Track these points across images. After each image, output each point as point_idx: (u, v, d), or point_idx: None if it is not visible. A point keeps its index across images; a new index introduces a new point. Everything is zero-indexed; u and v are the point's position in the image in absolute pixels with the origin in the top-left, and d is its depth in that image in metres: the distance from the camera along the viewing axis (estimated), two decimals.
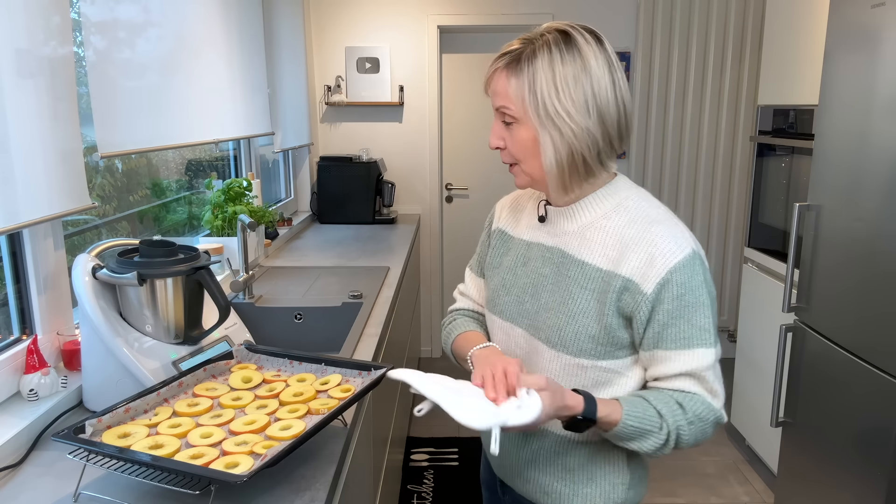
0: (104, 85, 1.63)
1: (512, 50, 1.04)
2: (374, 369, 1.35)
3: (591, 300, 1.03)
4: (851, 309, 1.99)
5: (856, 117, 1.99)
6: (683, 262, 0.99)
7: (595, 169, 1.04)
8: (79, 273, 1.37)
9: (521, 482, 1.17)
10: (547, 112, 1.00)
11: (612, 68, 1.03)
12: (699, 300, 0.99)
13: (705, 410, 1.01)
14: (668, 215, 1.06)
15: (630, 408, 0.98)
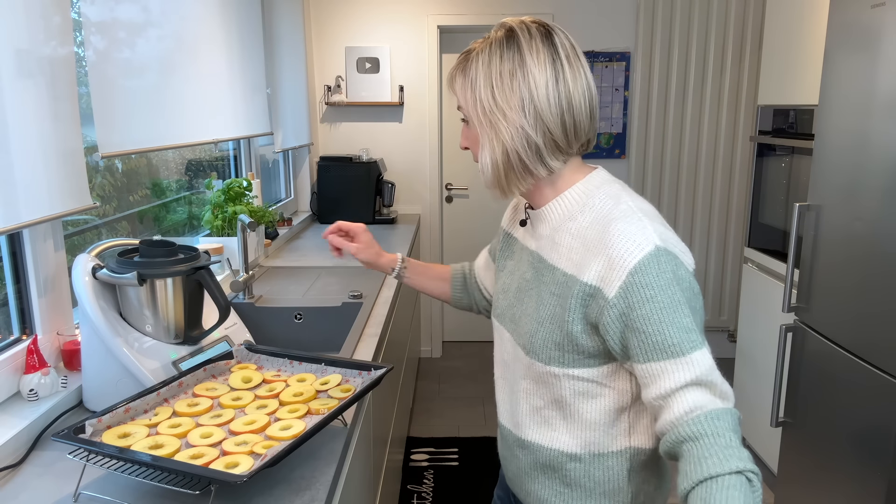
0: (104, 85, 1.63)
1: (467, 50, 1.02)
2: (374, 369, 1.35)
3: (556, 306, 0.99)
4: (851, 309, 1.99)
5: (856, 117, 1.99)
6: (644, 260, 0.90)
7: (533, 168, 0.98)
8: (79, 273, 1.37)
9: (524, 495, 1.14)
10: (484, 110, 0.97)
11: (557, 64, 0.95)
12: (673, 299, 0.90)
13: (733, 423, 0.87)
14: (630, 211, 0.96)
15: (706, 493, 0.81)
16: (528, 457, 1.10)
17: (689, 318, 0.91)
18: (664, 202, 4.01)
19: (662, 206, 4.02)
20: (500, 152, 0.98)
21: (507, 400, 1.13)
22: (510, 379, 1.12)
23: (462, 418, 3.42)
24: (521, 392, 1.08)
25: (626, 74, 3.89)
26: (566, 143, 0.99)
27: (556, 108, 0.96)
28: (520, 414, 1.09)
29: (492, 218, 4.38)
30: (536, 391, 1.05)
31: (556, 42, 0.97)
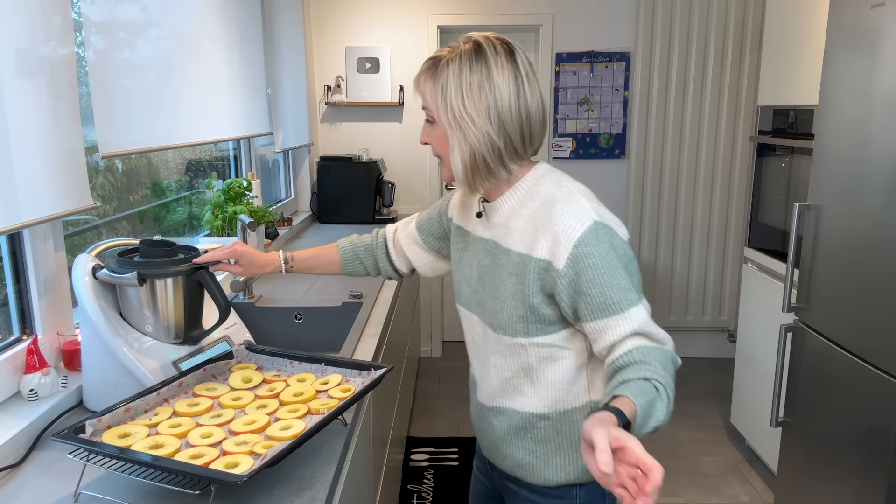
0: (104, 85, 1.63)
1: (434, 56, 1.13)
2: (374, 369, 1.35)
3: (516, 284, 1.12)
4: (851, 309, 1.99)
5: (856, 117, 1.99)
6: (585, 233, 1.05)
7: (496, 170, 1.11)
8: (79, 273, 1.37)
9: (500, 459, 1.27)
10: (454, 115, 1.09)
11: (519, 79, 1.10)
12: (612, 265, 1.05)
13: (663, 356, 1.03)
14: (570, 193, 1.11)
15: (631, 392, 0.97)
16: (501, 423, 1.23)
17: (626, 280, 1.06)
18: (664, 202, 4.01)
19: (662, 206, 4.02)
20: (469, 154, 1.10)
21: (481, 376, 1.26)
22: (482, 357, 1.25)
23: (462, 418, 3.42)
24: (491, 367, 1.21)
25: (626, 74, 3.89)
26: (523, 149, 1.13)
27: (517, 118, 1.10)
28: (492, 387, 1.23)
29: None
30: (505, 364, 1.18)
31: (517, 60, 1.11)
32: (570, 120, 3.95)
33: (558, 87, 3.92)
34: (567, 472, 1.20)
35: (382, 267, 1.48)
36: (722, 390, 3.73)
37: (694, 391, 3.72)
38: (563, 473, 1.20)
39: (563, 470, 1.20)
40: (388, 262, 1.47)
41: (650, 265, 4.10)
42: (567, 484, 1.21)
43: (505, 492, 1.33)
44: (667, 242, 4.07)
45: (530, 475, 1.22)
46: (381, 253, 1.48)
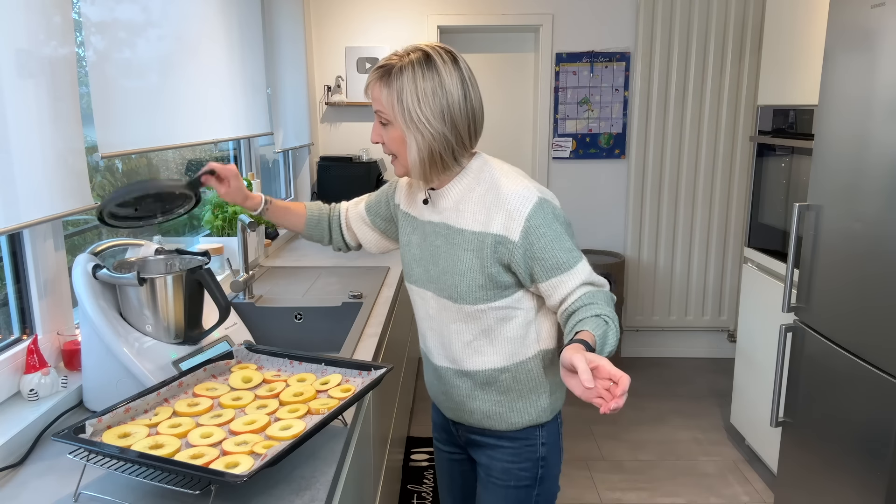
0: (104, 85, 1.63)
1: (384, 65, 1.24)
2: (374, 369, 1.35)
3: (473, 258, 1.28)
4: (851, 309, 2.00)
5: (855, 117, 1.99)
6: (533, 209, 1.23)
7: (450, 163, 1.27)
8: (79, 273, 1.37)
9: (467, 415, 1.40)
10: (411, 118, 1.21)
11: (465, 83, 1.24)
12: (556, 231, 1.24)
13: (605, 296, 1.24)
14: (513, 175, 1.30)
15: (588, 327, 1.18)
16: (466, 383, 1.37)
17: (570, 242, 1.26)
18: (664, 202, 4.01)
19: (662, 206, 4.02)
20: (427, 152, 1.24)
21: (440, 344, 1.39)
22: (438, 328, 1.38)
23: None
24: (452, 334, 1.35)
25: (625, 74, 3.89)
26: (470, 143, 1.29)
27: (466, 117, 1.24)
28: (455, 351, 1.36)
29: None
30: (466, 329, 1.33)
31: (461, 65, 1.25)
32: (570, 120, 3.95)
33: (558, 87, 3.92)
34: (529, 414, 1.37)
35: (335, 238, 1.60)
36: (722, 390, 3.73)
37: (694, 391, 3.72)
38: (526, 416, 1.37)
39: (525, 413, 1.37)
40: (339, 234, 1.60)
41: (650, 265, 4.10)
42: (530, 425, 1.38)
43: (471, 445, 1.46)
44: (667, 242, 4.07)
45: (497, 423, 1.38)
46: (335, 225, 1.59)
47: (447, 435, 1.55)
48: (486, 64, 4.15)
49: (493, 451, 1.41)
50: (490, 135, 4.23)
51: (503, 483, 1.40)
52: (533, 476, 1.40)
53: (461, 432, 1.47)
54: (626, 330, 4.18)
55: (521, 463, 1.39)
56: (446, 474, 1.61)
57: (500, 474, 1.40)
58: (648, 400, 3.62)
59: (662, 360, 4.20)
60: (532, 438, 1.39)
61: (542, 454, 1.40)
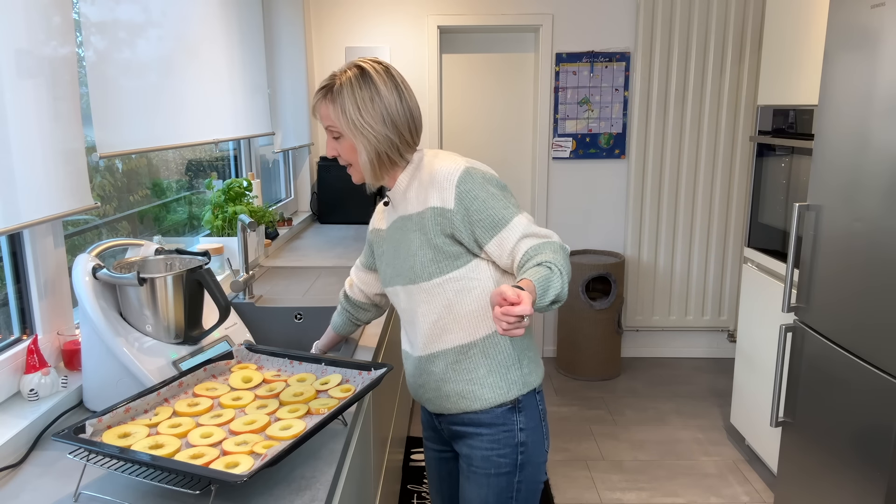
0: (104, 85, 1.63)
1: (326, 85, 1.37)
2: (374, 369, 1.35)
3: (419, 236, 1.36)
4: (851, 309, 2.00)
5: (856, 117, 1.99)
6: (462, 175, 1.32)
7: (397, 161, 1.39)
8: (79, 273, 1.37)
9: (444, 400, 1.44)
10: (356, 126, 1.33)
11: (399, 88, 1.36)
12: (489, 192, 1.32)
13: (551, 246, 1.29)
14: (445, 154, 1.39)
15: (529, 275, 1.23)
16: (439, 365, 1.41)
17: (503, 200, 1.33)
18: (664, 202, 4.01)
19: (662, 206, 4.02)
20: (374, 154, 1.36)
21: (414, 333, 1.45)
22: (410, 318, 1.44)
23: None
24: (419, 318, 1.41)
25: (625, 74, 3.89)
26: (413, 141, 1.40)
27: (405, 117, 1.37)
28: (424, 336, 1.41)
29: None
30: (430, 308, 1.39)
31: (393, 73, 1.37)
32: (570, 120, 3.95)
33: (558, 87, 3.92)
34: (502, 389, 1.40)
35: (364, 318, 1.72)
36: (722, 390, 3.73)
37: (694, 391, 3.73)
38: (499, 391, 1.40)
39: (498, 388, 1.40)
40: (355, 308, 1.70)
41: (650, 265, 4.10)
42: (503, 403, 1.40)
43: (454, 438, 1.49)
44: (667, 242, 4.07)
45: (472, 402, 1.41)
46: (354, 313, 1.71)
47: (433, 432, 1.59)
48: (486, 64, 4.15)
49: (473, 439, 1.43)
50: (490, 135, 4.23)
51: (483, 471, 1.43)
52: (512, 462, 1.42)
53: (444, 425, 1.50)
54: (626, 330, 4.18)
55: (500, 449, 1.41)
56: (434, 472, 1.64)
57: (480, 462, 1.43)
58: (648, 400, 3.62)
59: (662, 360, 4.20)
60: (510, 424, 1.41)
61: (520, 439, 1.42)
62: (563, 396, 3.68)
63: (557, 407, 3.55)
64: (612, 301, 3.78)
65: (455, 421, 1.45)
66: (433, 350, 1.41)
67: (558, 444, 3.15)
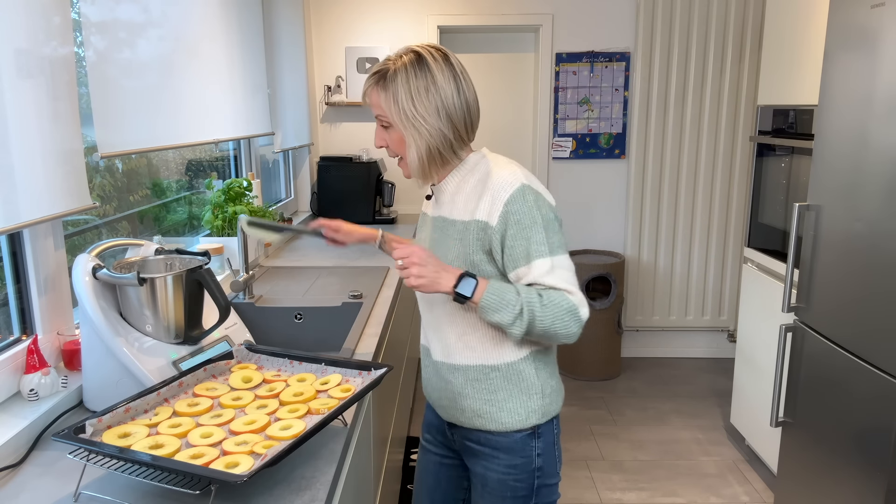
0: (104, 85, 1.63)
1: (379, 70, 1.28)
2: (374, 369, 1.35)
3: (459, 247, 1.30)
4: (851, 309, 2.00)
5: (856, 117, 1.99)
6: (514, 193, 1.24)
7: (449, 158, 1.31)
8: (79, 273, 1.37)
9: (459, 413, 1.40)
10: (408, 117, 1.25)
11: (458, 79, 1.27)
12: (533, 220, 1.24)
13: (559, 298, 1.23)
14: (505, 163, 1.31)
15: (495, 283, 1.24)
16: (458, 378, 1.37)
17: (542, 234, 1.24)
18: (664, 202, 4.01)
19: (662, 206, 4.02)
20: (425, 149, 1.27)
21: (436, 338, 1.41)
22: (435, 322, 1.40)
23: None
24: (445, 326, 1.37)
25: (625, 74, 3.89)
26: (468, 137, 1.32)
27: (461, 111, 1.28)
28: (449, 345, 1.37)
29: None
30: (457, 321, 1.35)
31: (453, 62, 1.28)
32: (570, 120, 3.95)
33: (558, 87, 3.92)
34: (520, 415, 1.35)
35: None
36: (722, 390, 3.73)
37: (694, 391, 3.73)
38: (516, 416, 1.35)
39: (516, 413, 1.35)
40: None
41: (650, 265, 4.10)
42: (522, 429, 1.36)
43: (467, 452, 1.45)
44: (667, 242, 4.07)
45: (488, 422, 1.36)
46: None
47: (441, 437, 1.53)
48: (486, 64, 4.15)
49: (489, 461, 1.39)
50: (490, 135, 4.23)
51: (499, 494, 1.39)
52: (529, 486, 1.38)
53: (457, 438, 1.46)
54: (626, 330, 4.18)
55: (518, 474, 1.37)
56: (431, 476, 1.57)
57: (496, 485, 1.39)
58: (648, 400, 3.62)
59: (662, 360, 4.20)
60: (528, 450, 1.37)
61: (538, 465, 1.38)
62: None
63: None
64: (612, 301, 3.78)
65: (470, 438, 1.41)
66: (455, 362, 1.37)
67: None
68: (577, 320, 1.24)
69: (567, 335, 1.24)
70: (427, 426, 1.58)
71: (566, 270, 1.26)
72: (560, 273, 1.25)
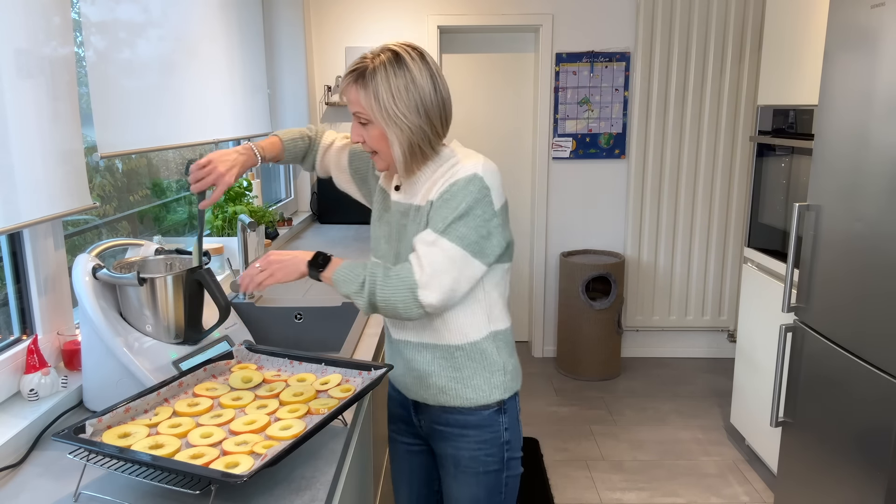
0: (104, 85, 1.63)
1: (357, 68, 1.30)
2: (374, 369, 1.35)
3: (418, 228, 1.34)
4: (851, 309, 2.00)
5: (856, 117, 1.99)
6: (462, 178, 1.29)
7: (429, 153, 1.34)
8: (79, 273, 1.37)
9: (425, 389, 1.43)
10: (389, 115, 1.28)
11: (434, 77, 1.31)
12: (458, 203, 1.27)
13: (405, 273, 1.27)
14: (470, 156, 1.34)
15: (349, 262, 1.30)
16: (425, 356, 1.41)
17: (452, 214, 1.27)
18: (664, 202, 4.01)
19: (662, 206, 4.02)
20: (407, 146, 1.30)
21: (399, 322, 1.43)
22: None
23: None
24: None
25: (625, 74, 3.89)
26: (444, 131, 1.36)
27: (438, 107, 1.31)
28: (413, 326, 1.41)
29: None
30: None
31: (428, 60, 1.31)
32: (570, 120, 3.95)
33: (558, 87, 3.92)
34: (484, 391, 1.40)
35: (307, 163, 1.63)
36: (722, 390, 3.73)
37: (694, 391, 3.72)
38: (481, 393, 1.40)
39: (481, 390, 1.40)
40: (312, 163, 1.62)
41: (650, 265, 4.10)
42: (487, 405, 1.41)
43: (434, 436, 1.48)
44: (667, 242, 4.07)
45: (453, 398, 1.41)
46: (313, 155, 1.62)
47: (406, 426, 1.56)
48: (486, 64, 4.15)
49: (459, 441, 1.43)
50: (490, 135, 4.23)
51: (473, 470, 1.44)
52: (500, 460, 1.44)
53: (423, 421, 1.49)
54: (626, 330, 4.18)
55: (489, 449, 1.43)
56: (404, 464, 1.61)
57: (469, 462, 1.43)
58: (648, 400, 3.62)
59: (662, 360, 4.20)
60: (496, 425, 1.42)
61: (505, 438, 1.44)
62: (563, 396, 3.68)
63: (557, 407, 3.55)
64: (612, 301, 3.78)
65: (439, 421, 1.45)
66: (422, 340, 1.41)
67: (558, 443, 3.15)
68: (415, 299, 1.26)
69: (407, 310, 1.27)
70: (391, 417, 1.61)
71: (443, 256, 1.27)
72: (434, 253, 1.27)
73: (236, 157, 1.43)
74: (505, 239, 1.35)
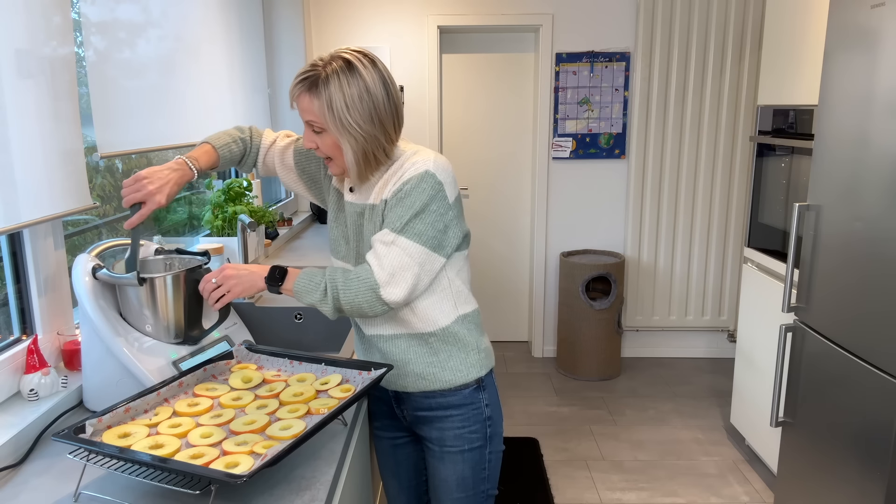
0: (104, 85, 1.63)
1: (309, 76, 1.28)
2: (374, 369, 1.35)
3: (375, 227, 1.36)
4: (851, 309, 2.00)
5: (856, 117, 1.99)
6: (414, 175, 1.30)
7: (382, 160, 1.34)
8: (79, 273, 1.37)
9: (402, 378, 1.45)
10: (343, 125, 1.27)
11: (386, 84, 1.31)
12: (413, 201, 1.29)
13: (365, 274, 1.29)
14: (420, 153, 1.35)
15: (307, 270, 1.32)
16: (400, 345, 1.43)
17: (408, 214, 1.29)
18: (664, 202, 4.01)
19: (662, 206, 4.02)
20: (361, 154, 1.31)
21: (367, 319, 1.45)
22: None
23: None
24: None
25: (625, 74, 3.89)
26: (397, 137, 1.36)
27: (391, 114, 1.32)
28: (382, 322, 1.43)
29: (490, 216, 4.38)
30: None
31: (380, 67, 1.31)
32: (570, 120, 3.95)
33: (558, 87, 3.92)
34: (461, 371, 1.44)
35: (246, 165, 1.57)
36: (722, 390, 3.73)
37: (694, 391, 3.73)
38: (459, 373, 1.44)
39: (458, 371, 1.44)
40: (251, 164, 1.57)
41: (650, 265, 4.10)
42: (466, 384, 1.44)
43: (418, 423, 1.51)
44: (667, 242, 4.07)
45: (432, 383, 1.43)
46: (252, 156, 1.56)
47: (389, 420, 1.60)
48: (486, 64, 4.15)
49: (443, 422, 1.47)
50: (490, 135, 4.23)
51: (458, 449, 1.47)
52: (483, 436, 1.48)
53: (406, 411, 1.51)
54: (626, 330, 4.18)
55: (472, 426, 1.47)
56: (390, 459, 1.65)
57: (454, 441, 1.47)
58: (648, 400, 3.62)
59: (662, 360, 4.20)
60: (477, 402, 1.47)
61: (487, 414, 1.48)
62: (563, 396, 3.68)
63: (557, 407, 3.55)
64: (612, 301, 3.78)
65: (421, 406, 1.47)
66: (394, 332, 1.43)
67: (558, 443, 3.15)
68: (378, 298, 1.28)
69: (372, 309, 1.30)
70: (373, 415, 1.63)
71: (404, 254, 1.29)
72: (393, 252, 1.29)
73: (168, 174, 1.36)
74: (461, 230, 1.38)
